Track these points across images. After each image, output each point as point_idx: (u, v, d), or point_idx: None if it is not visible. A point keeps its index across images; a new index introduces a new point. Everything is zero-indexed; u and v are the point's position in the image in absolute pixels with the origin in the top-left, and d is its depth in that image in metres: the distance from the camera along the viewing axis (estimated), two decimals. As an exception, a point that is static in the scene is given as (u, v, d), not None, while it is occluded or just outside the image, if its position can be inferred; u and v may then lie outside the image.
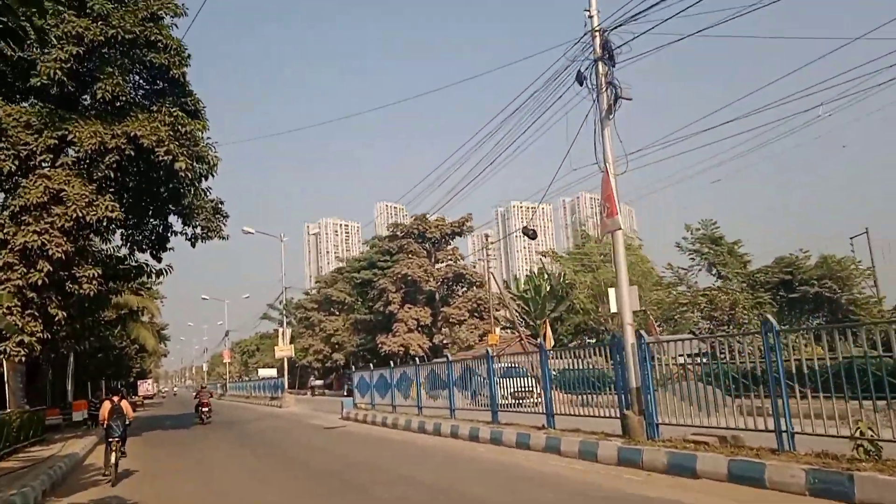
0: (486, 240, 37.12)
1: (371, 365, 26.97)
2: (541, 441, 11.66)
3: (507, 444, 12.63)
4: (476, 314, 44.80)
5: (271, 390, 42.68)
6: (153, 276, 22.81)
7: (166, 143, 17.36)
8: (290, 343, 38.38)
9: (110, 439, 11.24)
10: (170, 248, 22.28)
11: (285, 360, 38.13)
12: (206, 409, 26.01)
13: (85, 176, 17.38)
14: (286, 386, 37.28)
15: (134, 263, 22.04)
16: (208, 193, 21.45)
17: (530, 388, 14.12)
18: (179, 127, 18.09)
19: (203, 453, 16.19)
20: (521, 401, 14.96)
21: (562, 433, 11.67)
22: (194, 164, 18.38)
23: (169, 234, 21.92)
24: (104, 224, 18.31)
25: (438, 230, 47.05)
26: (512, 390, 14.90)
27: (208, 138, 19.77)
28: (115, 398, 11.90)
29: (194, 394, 31.89)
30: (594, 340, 38.09)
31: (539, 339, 36.46)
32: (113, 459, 11.05)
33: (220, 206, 21.95)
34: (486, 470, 10.38)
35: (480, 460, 11.41)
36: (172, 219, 21.54)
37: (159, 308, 62.12)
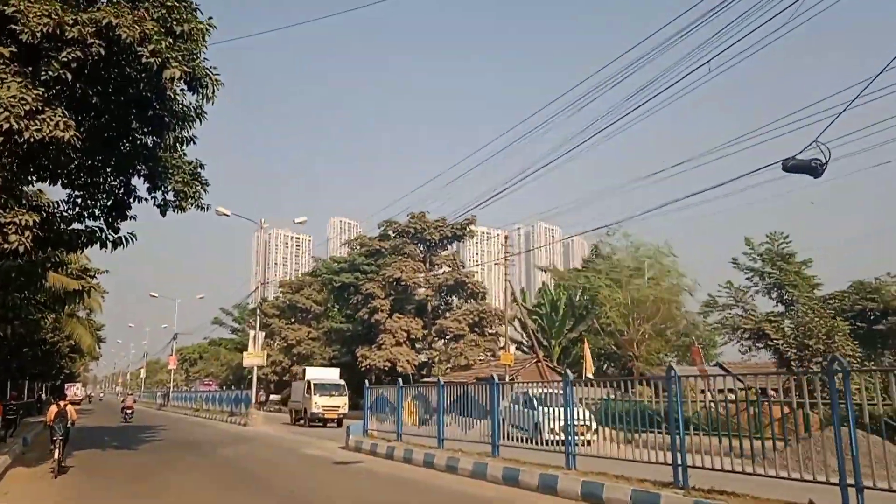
0: (506, 242, 31.88)
1: (366, 382, 21.92)
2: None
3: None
4: (477, 329, 39.92)
5: (230, 404, 36.75)
6: (108, 245, 17.19)
7: (154, 38, 12.17)
8: (262, 350, 32.70)
9: (54, 438, 12.99)
10: (130, 217, 16.95)
11: (254, 369, 32.43)
12: (130, 410, 34.29)
13: (29, 75, 12.05)
14: (252, 400, 31.54)
15: (83, 228, 16.57)
16: (186, 145, 16.28)
17: (586, 423, 11.77)
18: (174, 23, 12.96)
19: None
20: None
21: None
22: (192, 73, 13.13)
23: (131, 199, 16.59)
24: (51, 152, 12.88)
25: (438, 231, 42.18)
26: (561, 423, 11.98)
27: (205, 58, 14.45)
28: (62, 403, 13.76)
29: (121, 398, 40.31)
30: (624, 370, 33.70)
31: (560, 366, 31.78)
32: (56, 455, 12.84)
33: (199, 169, 16.81)
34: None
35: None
36: (137, 181, 16.30)
37: (101, 304, 55.52)
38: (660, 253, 36.19)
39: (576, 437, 11.48)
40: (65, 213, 16.58)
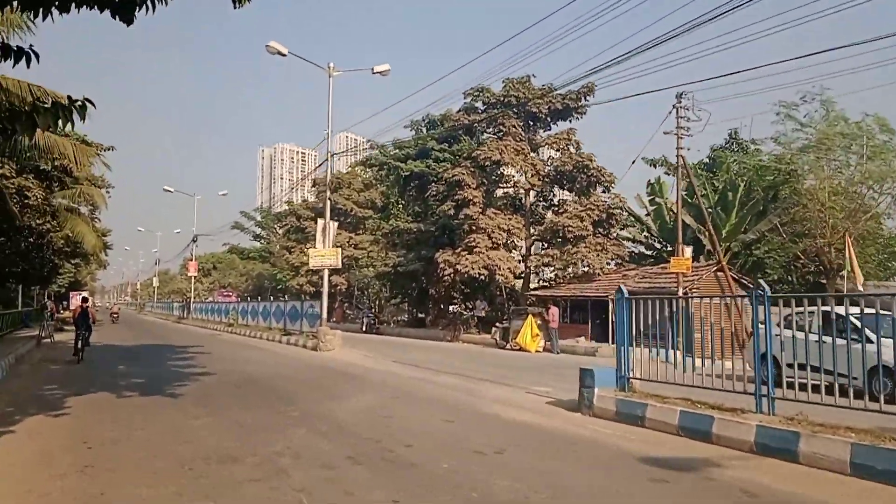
0: (679, 101, 22.38)
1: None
2: None
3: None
4: (601, 229, 30.97)
5: (285, 319, 28.53)
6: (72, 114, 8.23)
7: None
8: (334, 246, 24.03)
9: (78, 332, 17.49)
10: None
11: (325, 274, 23.88)
12: (115, 314, 49.79)
13: None
14: (323, 315, 23.17)
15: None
16: None
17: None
18: None
19: None
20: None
21: None
22: None
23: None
24: None
25: (545, 103, 32.52)
26: None
27: None
28: (83, 304, 18.53)
29: (115, 308, 53.91)
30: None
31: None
32: (80, 345, 17.39)
33: None
34: None
35: None
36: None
37: (105, 199, 47.21)
38: (868, 129, 26.67)
39: None
40: None
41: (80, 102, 8.76)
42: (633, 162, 25.57)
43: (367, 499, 5.54)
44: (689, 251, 23.35)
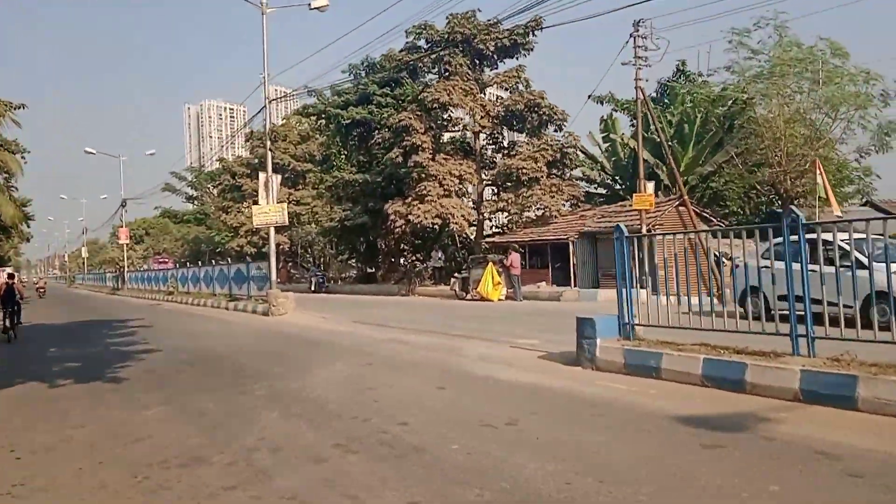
0: (637, 30, 21.36)
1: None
2: None
3: None
4: (556, 169, 30.08)
5: (228, 283, 26.81)
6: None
7: None
8: (278, 202, 22.28)
9: (5, 310, 16.88)
10: None
11: (271, 232, 22.20)
12: (42, 290, 49.45)
13: None
14: (273, 276, 21.64)
15: None
16: None
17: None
18: None
19: None
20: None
21: None
22: None
23: None
24: None
25: (492, 39, 30.98)
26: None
27: None
28: (9, 280, 17.86)
29: (41, 281, 53.49)
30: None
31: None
32: (8, 324, 16.78)
33: None
34: None
35: None
36: None
37: (21, 165, 43.48)
38: (821, 53, 26.35)
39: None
40: None
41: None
42: (589, 97, 24.68)
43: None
44: (651, 186, 22.72)
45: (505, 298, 24.09)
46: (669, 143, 25.67)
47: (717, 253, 15.12)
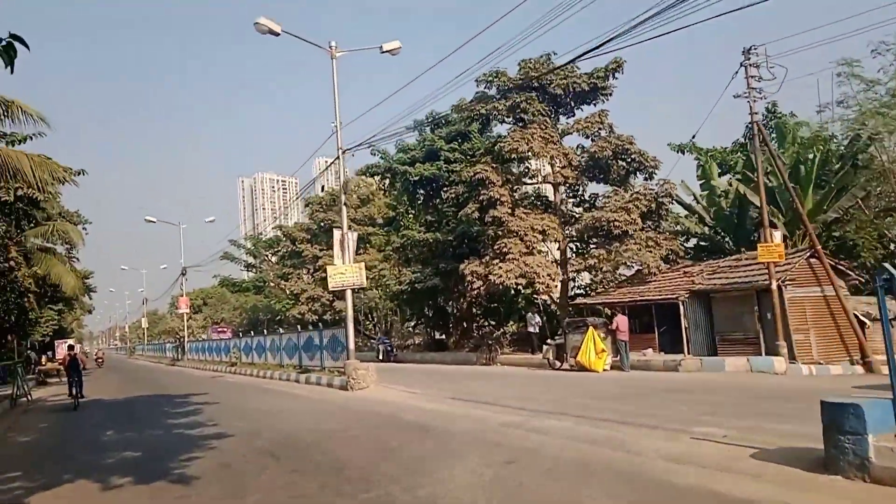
0: (747, 58, 18.95)
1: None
2: None
3: None
4: (650, 221, 27.44)
5: (298, 353, 24.62)
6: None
7: None
8: (356, 256, 20.19)
9: (70, 378, 18.57)
10: None
11: (347, 295, 20.00)
12: (100, 359, 54.71)
13: None
14: (349, 345, 19.35)
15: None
16: None
17: None
18: None
19: None
20: None
21: None
22: None
23: None
24: None
25: (568, 83, 29.07)
26: None
27: None
28: (70, 352, 19.44)
29: (100, 353, 59.96)
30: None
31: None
32: (73, 392, 18.18)
33: None
34: None
35: None
36: None
37: (82, 236, 43.27)
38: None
39: None
40: None
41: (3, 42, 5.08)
42: (693, 136, 22.07)
43: None
44: (778, 235, 19.78)
45: (610, 368, 21.16)
46: (794, 186, 22.70)
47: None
